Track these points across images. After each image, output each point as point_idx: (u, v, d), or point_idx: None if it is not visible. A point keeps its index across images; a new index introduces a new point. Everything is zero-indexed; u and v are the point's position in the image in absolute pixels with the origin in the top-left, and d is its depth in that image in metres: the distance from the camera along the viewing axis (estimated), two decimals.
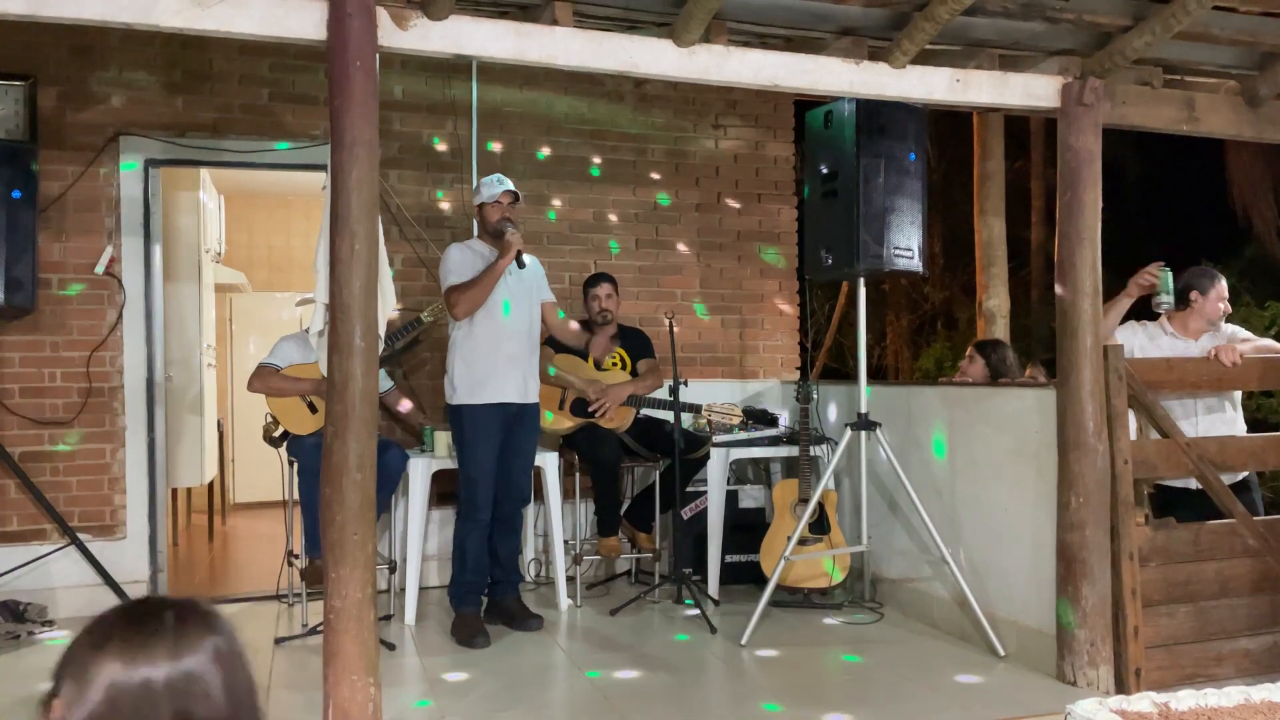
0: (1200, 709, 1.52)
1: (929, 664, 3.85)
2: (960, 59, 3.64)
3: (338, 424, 2.79)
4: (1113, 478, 3.54)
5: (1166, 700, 1.54)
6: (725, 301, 5.83)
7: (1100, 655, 3.53)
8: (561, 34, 3.10)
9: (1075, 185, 3.60)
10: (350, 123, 2.81)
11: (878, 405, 4.59)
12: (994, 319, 6.42)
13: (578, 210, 5.55)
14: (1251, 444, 3.82)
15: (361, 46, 2.82)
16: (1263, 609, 3.73)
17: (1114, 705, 1.49)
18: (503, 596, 4.41)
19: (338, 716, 2.79)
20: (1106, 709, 1.47)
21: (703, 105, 5.77)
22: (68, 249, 4.72)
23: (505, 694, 3.52)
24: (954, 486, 4.30)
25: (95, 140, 4.74)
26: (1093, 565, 3.52)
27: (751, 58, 3.34)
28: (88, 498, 4.72)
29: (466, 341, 4.22)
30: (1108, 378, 3.55)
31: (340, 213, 2.81)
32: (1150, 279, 3.90)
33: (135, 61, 4.82)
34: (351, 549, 2.80)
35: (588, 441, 4.81)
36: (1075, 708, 1.52)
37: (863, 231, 4.10)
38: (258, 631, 4.34)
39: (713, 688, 3.65)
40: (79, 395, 4.70)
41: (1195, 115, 3.82)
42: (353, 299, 2.81)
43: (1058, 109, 3.64)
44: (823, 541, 4.67)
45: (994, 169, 6.44)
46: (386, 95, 5.22)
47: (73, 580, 4.64)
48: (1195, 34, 3.57)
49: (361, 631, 2.81)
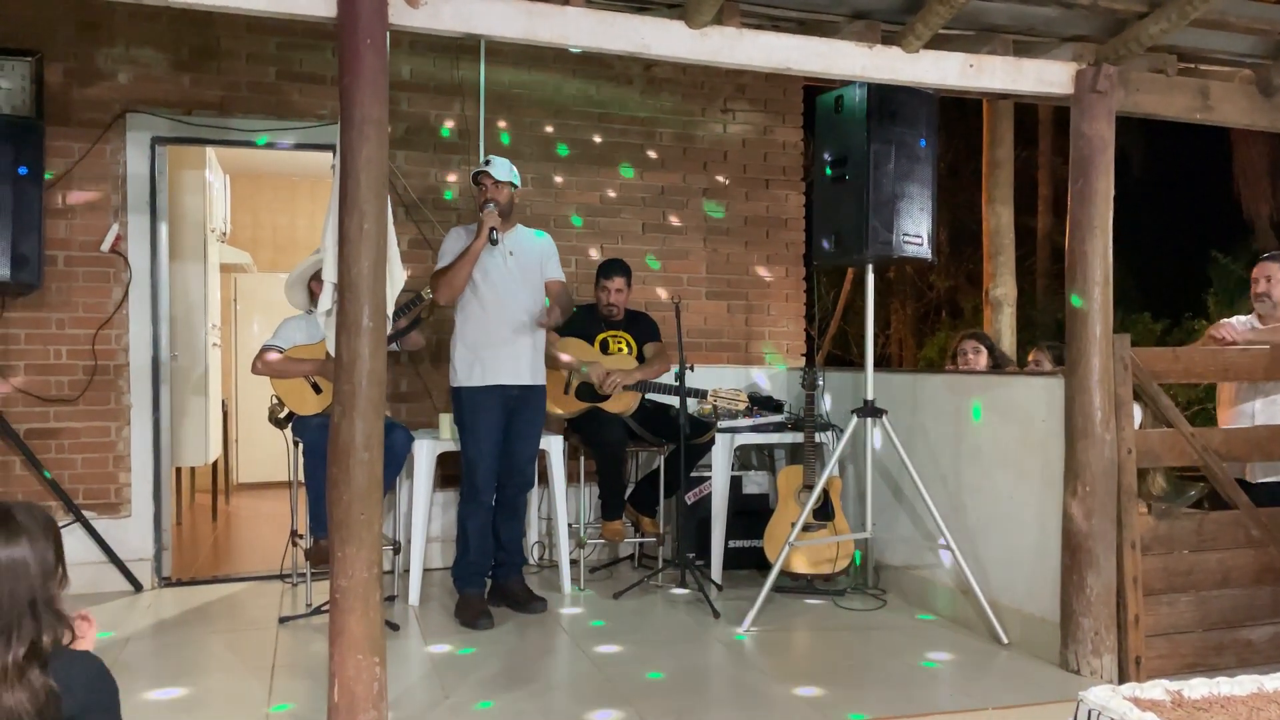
0: (1213, 697, 1.51)
1: (931, 650, 3.86)
2: (974, 44, 3.61)
3: (345, 403, 2.79)
4: (1118, 467, 3.53)
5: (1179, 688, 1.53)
6: (731, 287, 5.82)
7: (1104, 644, 3.53)
8: (573, 14, 3.08)
9: (1088, 173, 3.58)
10: (360, 101, 2.79)
11: (883, 393, 4.58)
12: (1000, 308, 6.40)
13: (584, 193, 5.54)
14: (1257, 434, 3.80)
15: (372, 24, 2.80)
16: (1265, 600, 3.73)
17: (1127, 693, 1.49)
18: (506, 579, 4.42)
19: (343, 695, 2.80)
20: (1120, 696, 1.47)
21: (712, 89, 5.75)
22: (74, 226, 4.71)
23: (506, 675, 3.53)
24: (959, 474, 4.29)
25: (102, 117, 4.72)
26: (1098, 554, 3.52)
27: (764, 40, 3.32)
28: (93, 475, 4.73)
29: (466, 324, 4.22)
30: (1115, 367, 3.54)
31: (349, 192, 2.79)
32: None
33: (143, 38, 4.79)
34: (358, 529, 2.80)
35: (592, 425, 4.81)
36: (1088, 695, 1.51)
37: (872, 217, 4.09)
38: (261, 611, 4.35)
39: (714, 671, 3.65)
40: (85, 373, 4.69)
41: (1209, 104, 3.79)
42: (361, 278, 2.80)
43: (1071, 95, 3.62)
44: (827, 528, 4.67)
45: (1003, 157, 6.40)
46: (394, 76, 5.18)
47: (77, 557, 4.62)
48: (1211, 21, 3.55)
49: (367, 611, 2.82)
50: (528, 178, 5.30)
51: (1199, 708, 1.47)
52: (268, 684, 3.41)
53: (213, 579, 4.94)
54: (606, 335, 5.04)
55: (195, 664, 3.67)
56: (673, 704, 3.25)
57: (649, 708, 3.20)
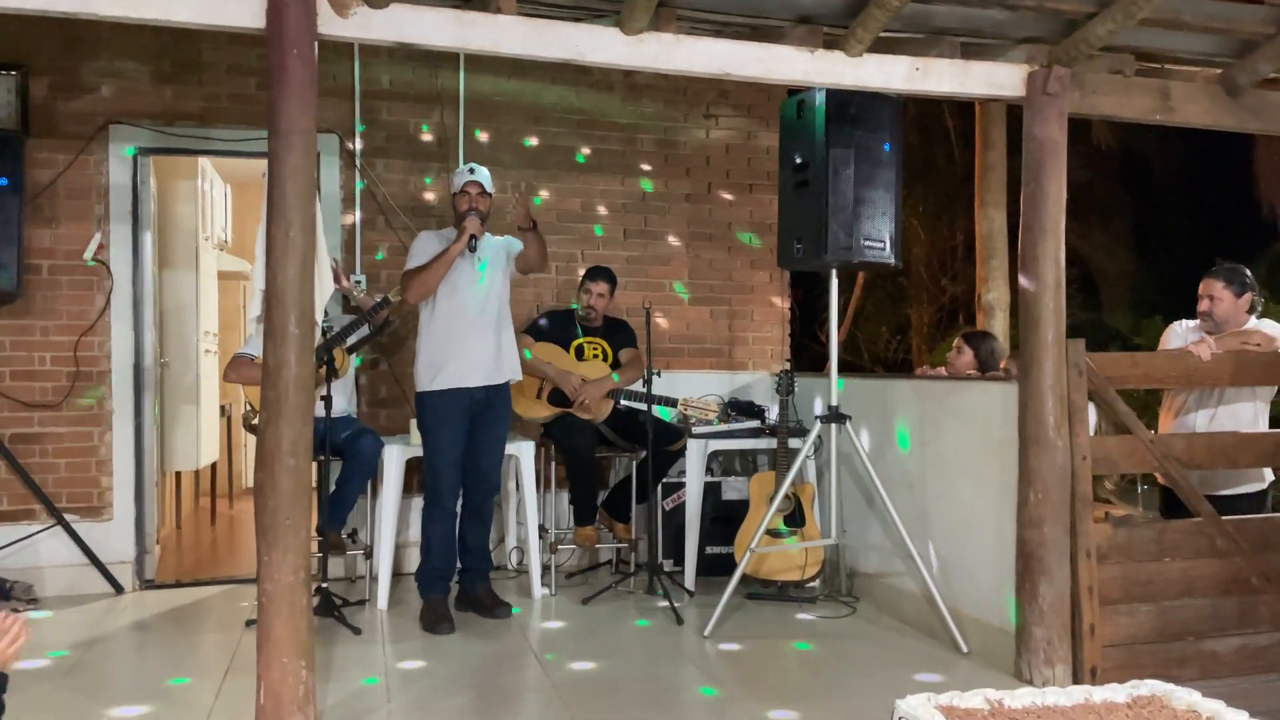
0: (1034, 707, 1.48)
1: (889, 660, 3.81)
2: (923, 47, 3.58)
3: (271, 410, 2.83)
4: (1072, 474, 3.48)
5: (1000, 697, 1.50)
6: (714, 293, 5.80)
7: (1057, 654, 3.47)
8: (505, 22, 3.10)
9: (1039, 176, 3.53)
10: (286, 112, 2.83)
11: (856, 398, 4.55)
12: (993, 312, 6.32)
13: (565, 200, 5.55)
14: (1221, 441, 3.72)
15: (299, 34, 2.84)
16: (1230, 610, 3.64)
17: (942, 702, 1.46)
18: (473, 585, 4.44)
19: (269, 698, 2.83)
20: (932, 706, 1.44)
21: (694, 95, 5.74)
22: (58, 235, 4.81)
23: (454, 681, 3.54)
24: (925, 481, 4.24)
25: (86, 129, 4.83)
26: (1050, 563, 3.46)
27: (702, 46, 3.32)
28: (75, 479, 4.82)
29: (429, 327, 4.25)
30: (1068, 372, 3.48)
31: (275, 201, 2.83)
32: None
33: (126, 51, 4.89)
34: (284, 533, 2.83)
35: (563, 431, 4.82)
36: (902, 704, 1.49)
37: (832, 222, 4.06)
38: (233, 614, 4.41)
39: (662, 677, 3.64)
40: (67, 379, 4.79)
41: (1170, 105, 3.72)
42: (287, 286, 2.83)
43: (1023, 98, 3.57)
44: (797, 534, 4.64)
45: (995, 160, 6.32)
46: (374, 84, 5.27)
47: (60, 560, 4.75)
48: (1167, 21, 3.48)
49: (293, 615, 2.85)
50: (506, 184, 5.34)
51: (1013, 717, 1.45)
52: (217, 686, 3.46)
53: (194, 582, 5.02)
54: (583, 341, 5.06)
55: (154, 667, 3.72)
56: (608, 710, 3.24)
57: (585, 714, 3.20)
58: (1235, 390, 3.85)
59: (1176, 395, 3.98)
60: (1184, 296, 8.84)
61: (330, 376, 4.28)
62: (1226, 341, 3.73)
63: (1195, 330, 3.89)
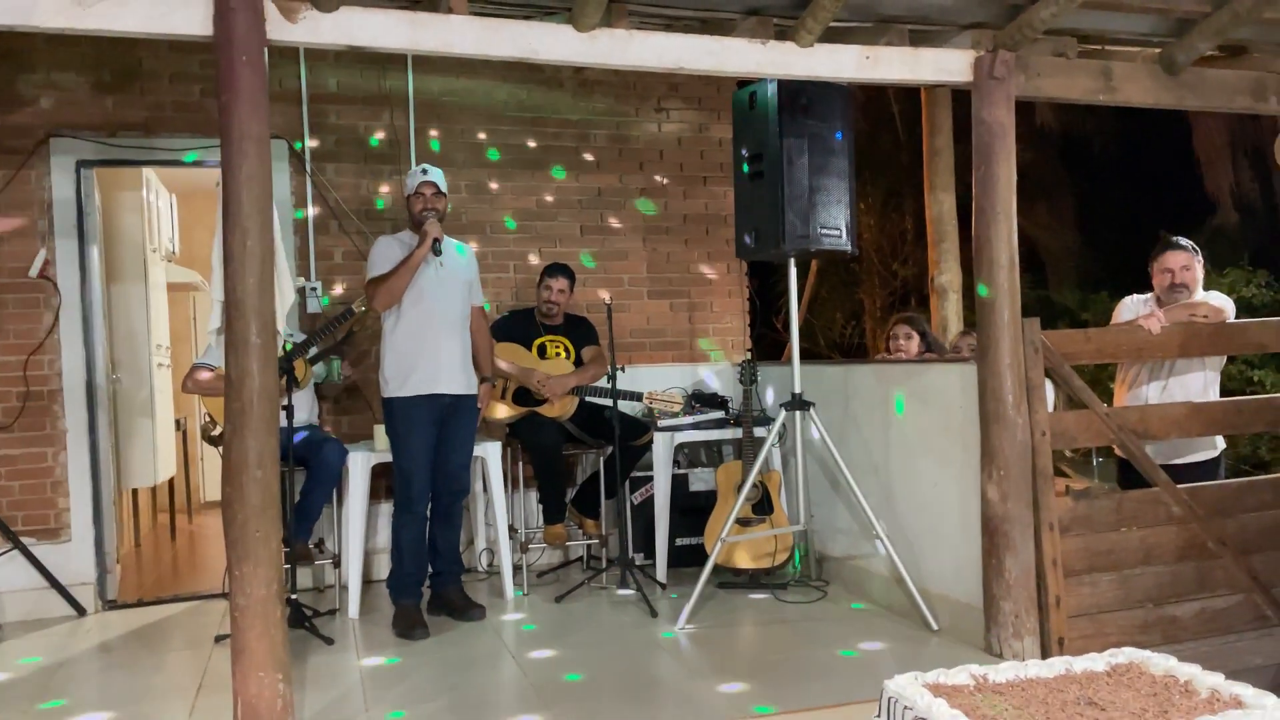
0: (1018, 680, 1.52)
1: (860, 640, 3.87)
2: (872, 36, 3.62)
3: (235, 421, 2.79)
4: (1032, 450, 3.55)
5: (985, 672, 1.54)
6: (673, 286, 5.82)
7: (1025, 626, 3.54)
8: (457, 22, 3.09)
9: (989, 159, 3.59)
10: (239, 119, 2.79)
11: (817, 385, 4.59)
12: (946, 294, 6.42)
13: (520, 198, 5.54)
14: (1174, 411, 3.82)
15: (248, 41, 2.81)
16: (1189, 576, 3.75)
17: (929, 680, 1.50)
18: (444, 588, 4.42)
19: (247, 713, 2.80)
20: (920, 684, 1.48)
21: (645, 89, 5.75)
22: (2, 253, 4.70)
23: (432, 684, 3.53)
24: (889, 463, 4.30)
25: (25, 143, 4.71)
26: (1014, 537, 3.54)
27: (654, 41, 3.33)
28: (31, 501, 4.72)
29: (395, 333, 4.21)
30: (1025, 350, 3.55)
31: (231, 209, 2.80)
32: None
33: (63, 62, 4.79)
34: (254, 546, 2.80)
35: (529, 430, 4.82)
36: (890, 684, 1.52)
37: (788, 211, 4.10)
38: (201, 630, 4.35)
39: (638, 670, 3.66)
40: (18, 399, 4.69)
41: (1113, 85, 3.80)
42: (247, 295, 2.80)
43: (971, 83, 3.63)
44: (765, 522, 4.68)
45: (942, 145, 6.41)
46: (322, 89, 5.21)
47: (19, 584, 4.64)
48: (1106, 3, 3.56)
49: (268, 629, 2.82)
50: (461, 184, 5.31)
51: (998, 690, 1.48)
52: (190, 704, 3.41)
53: (157, 600, 4.93)
54: (544, 340, 5.05)
55: (123, 688, 3.66)
56: (587, 705, 3.26)
57: (564, 711, 3.21)
58: (1185, 361, 3.95)
59: (1129, 368, 4.08)
60: (1128, 271, 9.06)
61: (291, 387, 4.23)
62: (1175, 314, 3.83)
63: (1147, 304, 3.98)
